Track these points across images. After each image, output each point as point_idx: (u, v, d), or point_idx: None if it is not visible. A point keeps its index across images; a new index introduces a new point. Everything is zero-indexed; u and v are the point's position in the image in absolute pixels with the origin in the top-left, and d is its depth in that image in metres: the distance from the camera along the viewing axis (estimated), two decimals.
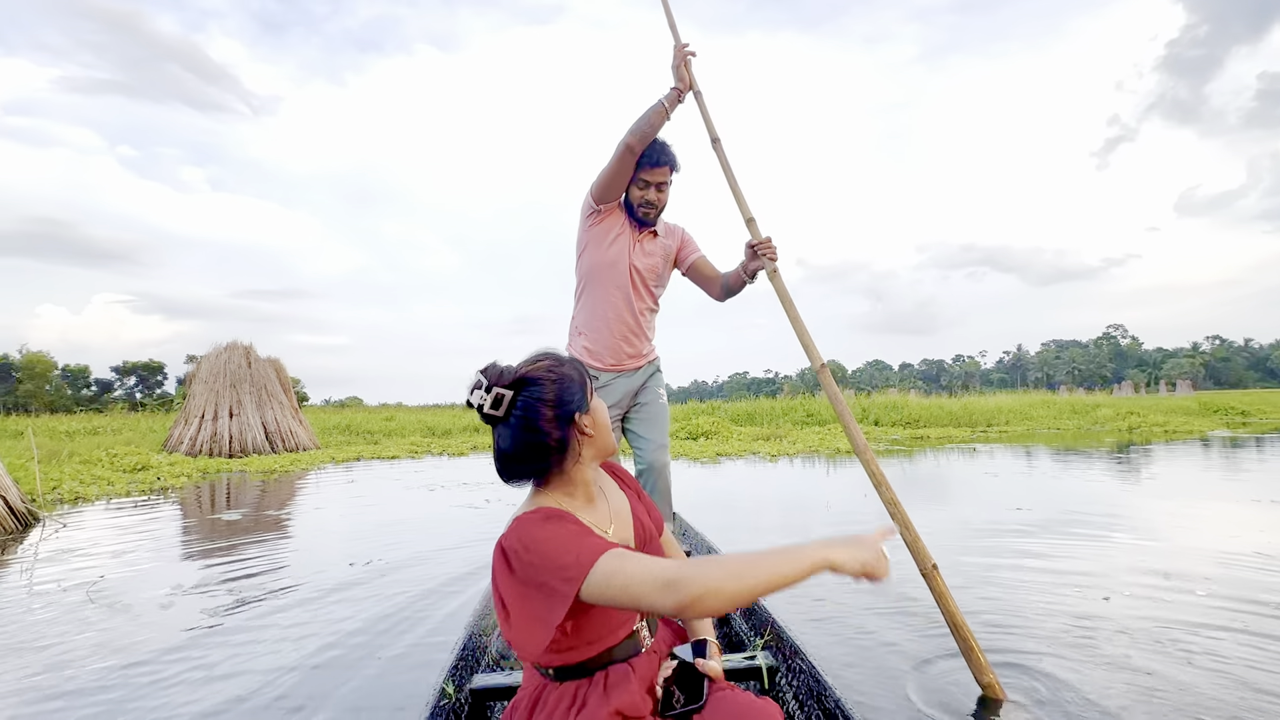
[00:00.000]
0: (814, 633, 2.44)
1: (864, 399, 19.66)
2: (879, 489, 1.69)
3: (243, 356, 13.52)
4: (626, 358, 2.49)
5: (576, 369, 1.13)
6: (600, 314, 2.45)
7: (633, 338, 2.48)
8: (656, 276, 2.51)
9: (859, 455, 1.77)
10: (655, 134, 2.22)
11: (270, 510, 5.91)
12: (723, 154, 2.27)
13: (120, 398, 43.33)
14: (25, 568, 3.80)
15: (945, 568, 3.21)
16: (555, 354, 1.15)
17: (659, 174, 2.31)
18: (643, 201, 2.35)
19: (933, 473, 7.53)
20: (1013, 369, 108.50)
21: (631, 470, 1.45)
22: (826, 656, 2.16)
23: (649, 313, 2.54)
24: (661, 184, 2.33)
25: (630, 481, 1.33)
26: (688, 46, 2.26)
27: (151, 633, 2.61)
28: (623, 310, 2.45)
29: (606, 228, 2.41)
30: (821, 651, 2.20)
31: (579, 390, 1.11)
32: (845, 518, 4.82)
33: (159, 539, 4.61)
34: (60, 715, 1.92)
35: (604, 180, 2.30)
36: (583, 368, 1.15)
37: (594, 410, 1.13)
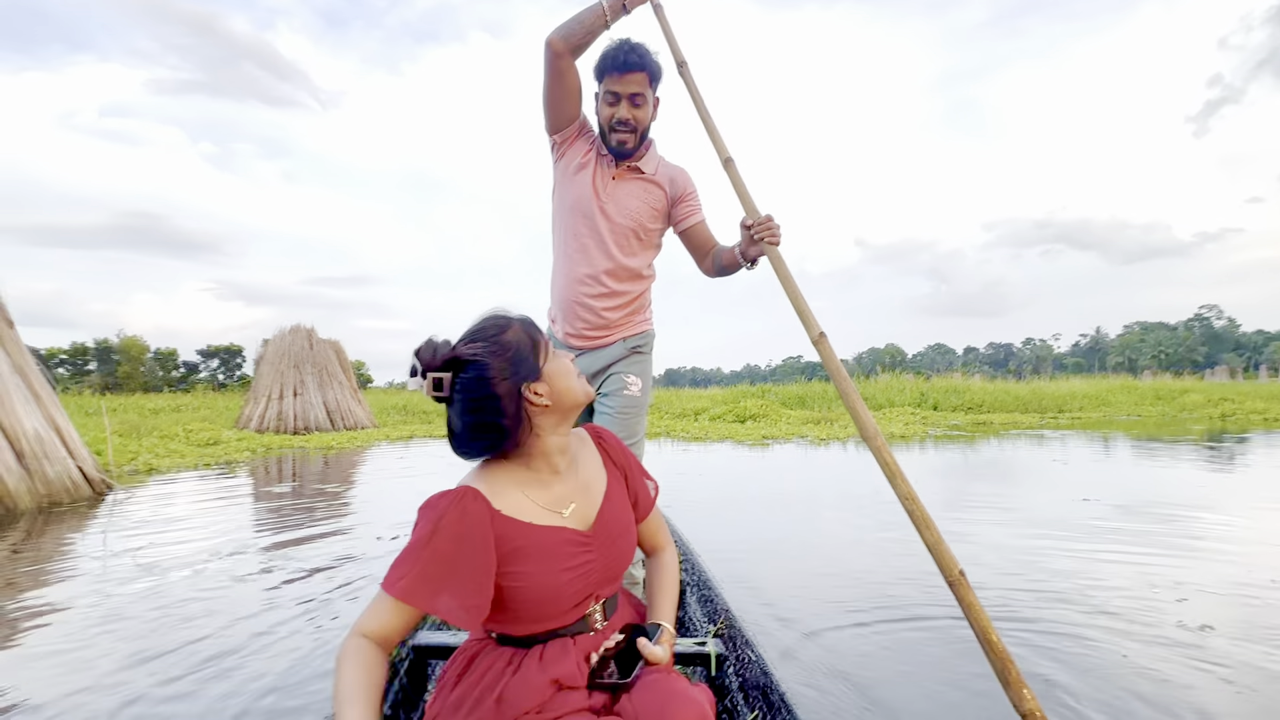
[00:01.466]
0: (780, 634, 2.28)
1: (923, 382, 18.84)
2: (893, 481, 1.43)
3: (305, 339, 14.14)
4: (587, 330, 1.93)
5: (523, 332, 1.03)
6: (559, 270, 1.94)
7: (594, 303, 1.90)
8: (633, 230, 1.89)
9: (868, 442, 1.44)
10: (587, 39, 1.71)
11: (322, 484, 6.13)
12: (691, 80, 1.78)
13: (205, 379, 46.55)
14: (90, 533, 4.05)
15: (988, 565, 2.98)
16: (498, 318, 1.04)
17: (630, 82, 1.75)
18: (614, 122, 1.79)
19: (993, 459, 7.07)
20: (1090, 353, 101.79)
21: None
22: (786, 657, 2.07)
23: (624, 279, 1.91)
24: (636, 95, 1.77)
25: (620, 458, 1.20)
26: None
27: (186, 596, 2.69)
28: (579, 265, 1.88)
29: (569, 160, 1.87)
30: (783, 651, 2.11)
31: (524, 359, 1.00)
32: (893, 507, 4.55)
33: (215, 509, 4.84)
34: (94, 672, 1.98)
35: (544, 101, 1.80)
36: (533, 327, 1.04)
37: (550, 375, 1.03)
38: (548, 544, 1.02)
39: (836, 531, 3.86)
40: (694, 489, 5.38)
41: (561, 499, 1.07)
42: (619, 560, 1.11)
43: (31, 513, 4.70)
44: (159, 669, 2.00)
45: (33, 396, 5.32)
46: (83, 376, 39.98)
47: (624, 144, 1.81)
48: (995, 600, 2.56)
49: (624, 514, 1.15)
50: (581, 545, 1.06)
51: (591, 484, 1.13)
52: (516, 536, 1.00)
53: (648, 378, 2.00)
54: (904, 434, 10.34)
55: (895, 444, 8.92)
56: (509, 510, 1.01)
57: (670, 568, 1.22)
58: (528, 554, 1.00)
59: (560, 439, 1.07)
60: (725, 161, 1.74)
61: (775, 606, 2.51)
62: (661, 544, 1.25)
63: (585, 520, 1.09)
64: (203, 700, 1.80)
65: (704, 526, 3.99)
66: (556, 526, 1.04)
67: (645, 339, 2.00)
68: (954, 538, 3.55)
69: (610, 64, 1.76)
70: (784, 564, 3.17)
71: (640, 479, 1.22)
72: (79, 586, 2.90)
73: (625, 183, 1.87)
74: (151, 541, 3.70)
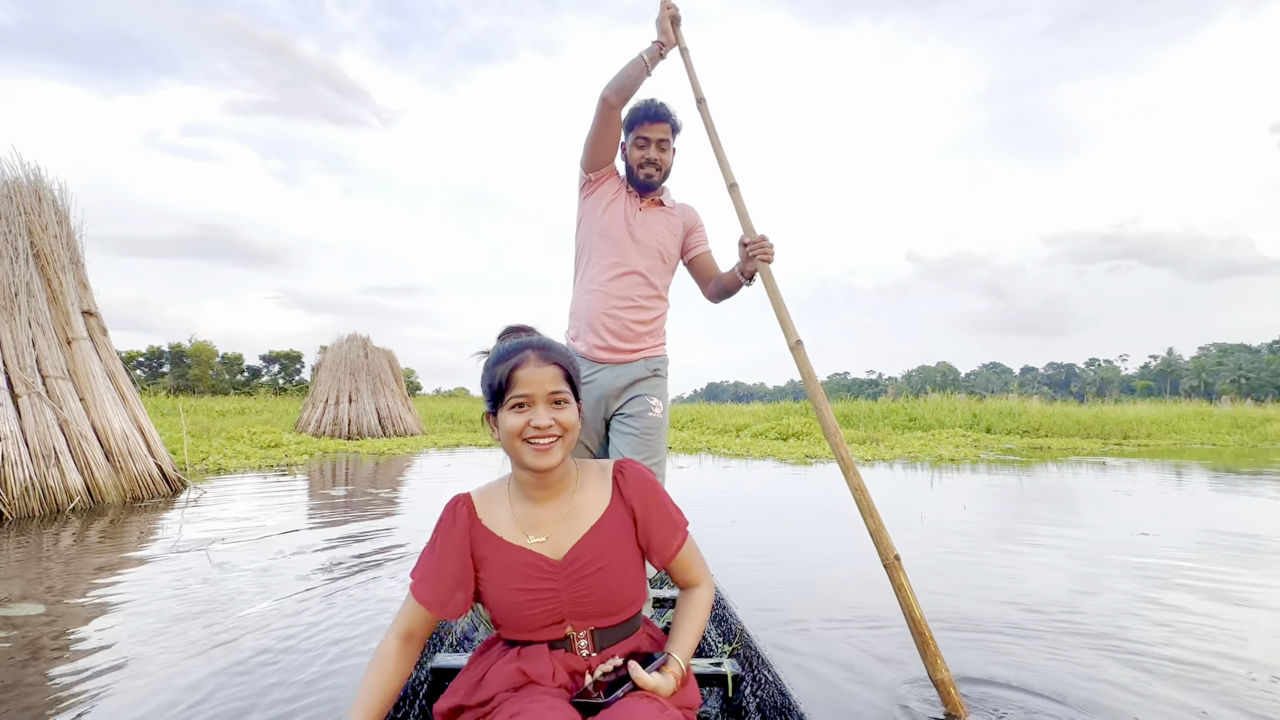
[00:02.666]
0: (789, 644, 2.32)
1: (975, 403, 18.17)
2: (846, 474, 1.71)
3: (361, 347, 14.75)
4: (614, 347, 2.09)
5: (492, 370, 1.12)
6: (588, 289, 2.13)
7: (624, 318, 2.08)
8: (659, 252, 2.15)
9: (828, 439, 1.76)
10: (634, 88, 2.03)
11: (374, 488, 6.40)
12: (707, 115, 2.15)
13: (266, 383, 48.93)
14: (167, 527, 4.35)
15: (1028, 597, 2.88)
16: (503, 341, 1.17)
17: (659, 129, 2.09)
18: (643, 161, 2.10)
19: (1049, 486, 6.78)
20: (1161, 376, 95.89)
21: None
22: (801, 669, 2.09)
23: (649, 296, 2.13)
24: (663, 141, 2.10)
25: (637, 500, 1.16)
26: (673, 8, 2.14)
27: (250, 589, 2.88)
28: (613, 285, 2.09)
29: (600, 195, 2.16)
30: (796, 664, 2.14)
31: (488, 390, 1.12)
32: (939, 533, 4.45)
33: (276, 507, 5.12)
34: (166, 659, 2.16)
35: (589, 143, 2.09)
36: (487, 371, 1.13)
37: (501, 421, 1.11)
38: (507, 561, 1.11)
39: (867, 554, 3.80)
40: (732, 507, 5.37)
41: (537, 523, 1.13)
42: (596, 596, 1.11)
43: (117, 506, 5.08)
44: (219, 655, 2.16)
45: (120, 398, 5.76)
46: (158, 379, 42.65)
47: (650, 178, 2.13)
48: (1001, 636, 2.48)
49: (611, 552, 1.13)
50: (542, 571, 1.10)
51: (578, 516, 1.14)
52: (484, 545, 1.13)
53: (666, 400, 2.18)
54: (953, 457, 10.02)
55: (944, 466, 8.65)
56: (487, 521, 1.14)
57: (696, 602, 1.20)
58: (489, 565, 1.12)
59: (537, 477, 1.12)
60: (731, 186, 2.08)
61: (803, 628, 2.50)
62: (694, 580, 1.21)
63: (558, 549, 1.12)
64: (253, 686, 1.93)
65: (736, 544, 3.99)
66: (520, 547, 1.12)
67: (663, 363, 2.19)
68: (986, 567, 3.45)
69: (644, 115, 2.09)
70: (813, 584, 3.15)
71: (660, 523, 1.17)
72: (155, 576, 3.14)
73: (650, 213, 2.16)
74: (221, 537, 3.96)
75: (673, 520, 1.19)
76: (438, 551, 1.12)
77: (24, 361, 5.12)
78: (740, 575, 3.19)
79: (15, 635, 2.34)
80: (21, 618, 2.53)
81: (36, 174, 5.70)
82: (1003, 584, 3.12)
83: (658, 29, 2.13)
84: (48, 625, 2.46)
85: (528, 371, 1.07)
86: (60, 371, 5.34)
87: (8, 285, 5.20)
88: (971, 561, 3.58)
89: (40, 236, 5.53)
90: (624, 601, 1.14)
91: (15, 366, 5.06)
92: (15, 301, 5.21)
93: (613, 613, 1.13)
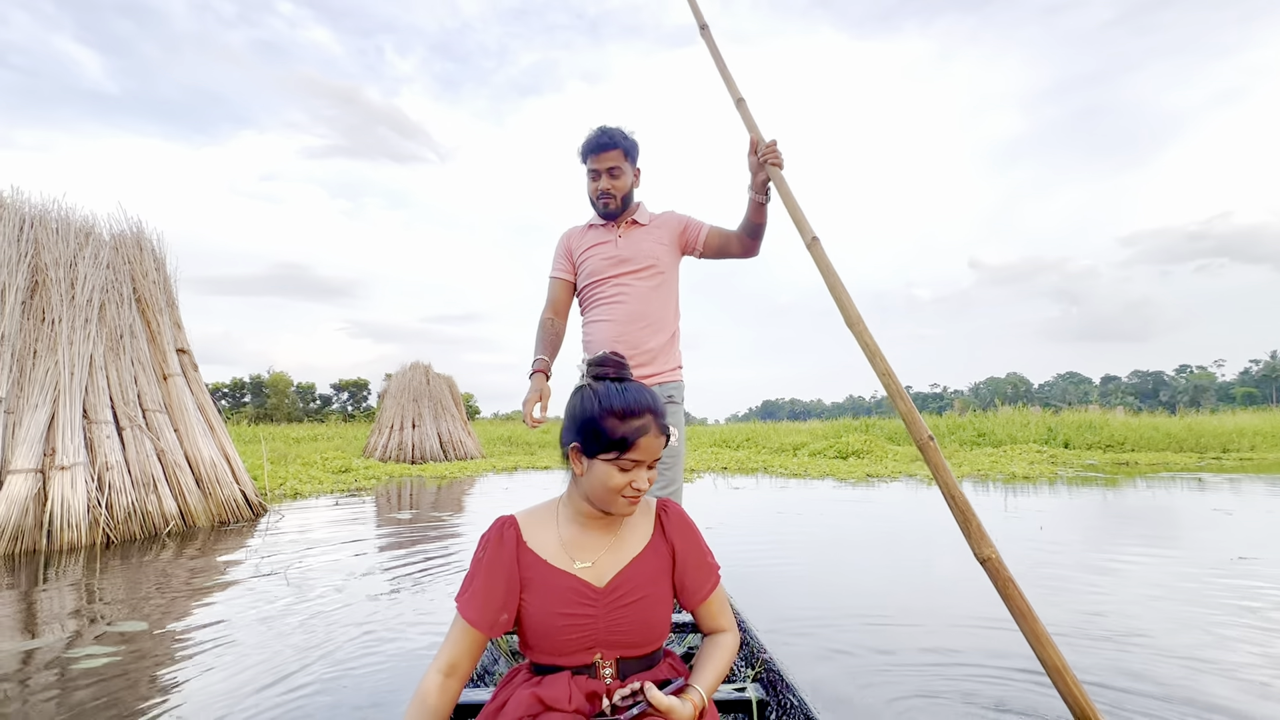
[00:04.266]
0: (812, 669, 2.25)
1: (1050, 416, 17.13)
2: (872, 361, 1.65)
3: (423, 375, 15.36)
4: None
5: (596, 408, 1.10)
6: (594, 320, 2.18)
7: (636, 342, 2.10)
8: (653, 267, 2.15)
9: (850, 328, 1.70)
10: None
11: (437, 510, 6.62)
12: (712, 41, 2.17)
13: (336, 410, 51.46)
14: (250, 549, 4.64)
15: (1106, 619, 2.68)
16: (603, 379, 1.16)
17: (607, 158, 2.09)
18: (598, 193, 2.13)
19: (1138, 506, 6.31)
20: (1264, 381, 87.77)
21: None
22: (824, 694, 2.04)
23: (656, 315, 2.15)
24: (613, 169, 2.10)
25: (679, 539, 1.21)
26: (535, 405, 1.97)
27: (322, 609, 3.04)
28: (619, 312, 2.12)
29: (579, 254, 2.22)
30: (819, 689, 2.08)
31: (600, 437, 1.09)
32: (1010, 558, 4.22)
33: (347, 530, 5.37)
34: (250, 672, 2.31)
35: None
36: (602, 414, 1.10)
37: (595, 467, 1.11)
38: (552, 585, 1.13)
39: (921, 582, 3.64)
40: (785, 528, 5.26)
41: (584, 548, 1.16)
42: (630, 626, 1.13)
43: (206, 530, 5.46)
44: (296, 670, 2.29)
45: (209, 429, 6.22)
46: (240, 408, 45.60)
47: (608, 205, 2.15)
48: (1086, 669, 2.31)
49: (650, 585, 1.15)
50: (585, 598, 1.12)
51: (623, 546, 1.18)
52: (530, 569, 1.15)
53: (683, 426, 2.19)
54: (1027, 474, 9.47)
55: (1017, 485, 8.20)
56: (533, 544, 1.17)
57: (721, 645, 1.20)
58: (534, 587, 1.14)
59: (603, 512, 1.16)
60: (738, 101, 2.06)
61: (847, 657, 2.42)
62: (721, 626, 1.23)
63: (601, 577, 1.15)
64: (320, 700, 2.04)
65: (784, 567, 3.91)
66: (566, 572, 1.14)
67: (678, 389, 2.19)
68: (1064, 595, 3.24)
69: (589, 148, 2.12)
70: (858, 611, 3.04)
71: (697, 566, 1.21)
72: (241, 595, 3.35)
73: (631, 232, 2.19)
74: (298, 559, 4.19)
75: (708, 564, 1.23)
76: (484, 571, 1.14)
77: (127, 397, 5.62)
78: (778, 596, 3.13)
79: (123, 649, 2.56)
80: (128, 633, 2.76)
81: (138, 226, 6.30)
82: (1083, 615, 2.93)
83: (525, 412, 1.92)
84: (151, 640, 2.67)
85: (650, 440, 1.10)
86: (158, 405, 5.82)
87: (115, 328, 5.74)
88: (1049, 588, 3.38)
89: (141, 283, 6.09)
90: (654, 634, 1.16)
91: (120, 401, 5.56)
92: (120, 343, 5.74)
93: (641, 644, 1.15)
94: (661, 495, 2.03)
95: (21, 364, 5.20)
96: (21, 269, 5.35)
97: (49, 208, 5.78)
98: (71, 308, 5.48)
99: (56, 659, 2.45)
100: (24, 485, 4.75)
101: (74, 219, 5.88)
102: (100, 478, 5.15)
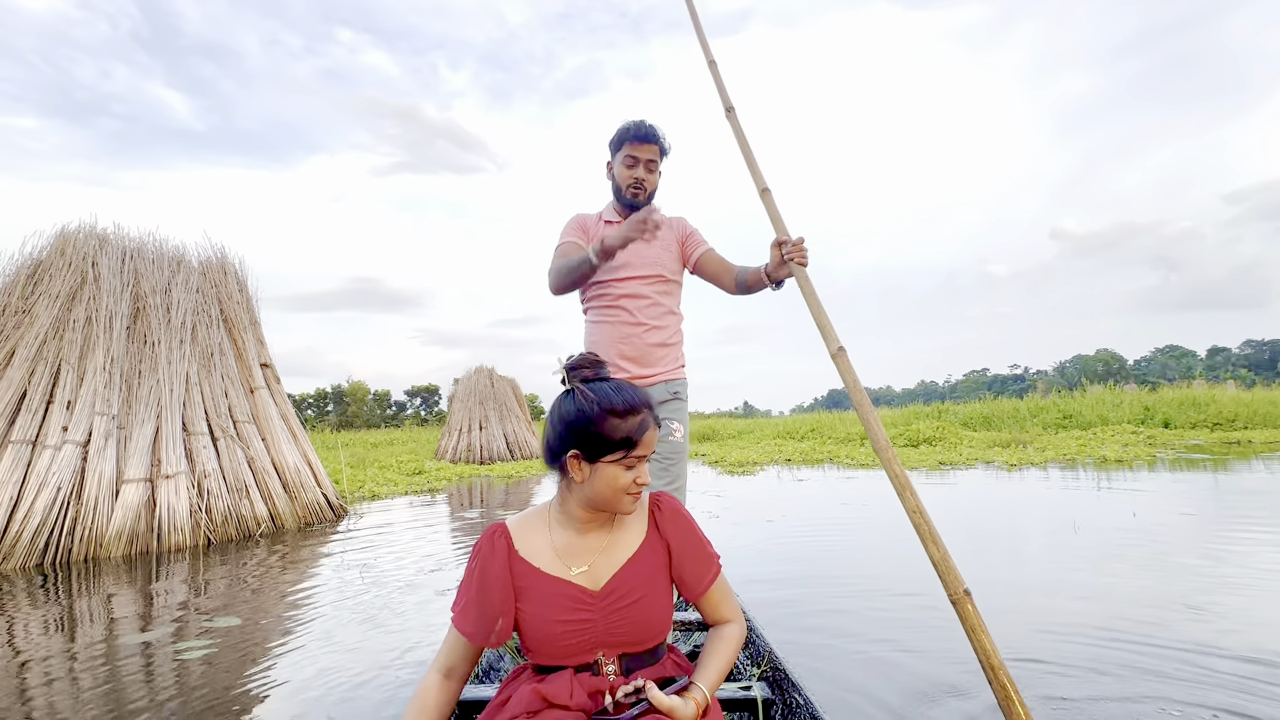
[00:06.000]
0: (820, 666, 2.19)
1: (1147, 394, 15.84)
2: (901, 494, 1.48)
3: (488, 378, 15.87)
4: (632, 374, 2.11)
5: (595, 410, 1.08)
6: (597, 320, 2.15)
7: (639, 341, 2.09)
8: (658, 268, 2.13)
9: (879, 454, 1.50)
10: (578, 285, 2.11)
11: (502, 509, 6.83)
12: (737, 123, 2.02)
13: (410, 415, 53.98)
14: (332, 549, 4.94)
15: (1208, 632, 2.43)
16: (585, 380, 1.13)
17: (648, 150, 2.08)
18: (631, 181, 2.09)
19: (1249, 490, 5.73)
20: None
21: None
22: (829, 694, 1.97)
23: (660, 314, 2.14)
24: (650, 162, 2.09)
25: (673, 533, 1.19)
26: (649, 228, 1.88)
27: (398, 604, 3.19)
28: (621, 311, 2.11)
29: (589, 243, 2.14)
30: (825, 688, 2.02)
31: (601, 440, 1.08)
32: (1094, 548, 3.93)
33: (420, 529, 5.63)
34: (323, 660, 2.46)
35: (555, 288, 2.13)
36: (602, 415, 1.08)
37: (600, 471, 1.09)
38: (547, 593, 1.12)
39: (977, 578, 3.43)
40: (844, 520, 5.10)
41: (577, 553, 1.14)
42: (630, 626, 1.12)
43: (293, 531, 5.85)
44: (371, 663, 2.41)
45: (292, 437, 6.65)
46: (323, 417, 48.59)
47: (638, 197, 2.11)
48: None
49: (647, 585, 1.14)
50: (582, 603, 1.11)
51: (618, 547, 1.16)
52: (524, 578, 1.13)
53: (687, 423, 2.17)
54: (1120, 457, 8.80)
55: (1108, 469, 7.62)
56: (525, 552, 1.15)
57: (725, 638, 1.18)
58: (529, 596, 1.13)
59: (598, 512, 1.14)
60: (763, 192, 1.96)
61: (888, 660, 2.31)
62: (725, 616, 1.21)
63: (596, 580, 1.13)
64: (384, 690, 2.13)
65: (832, 560, 3.78)
66: (560, 579, 1.13)
67: (683, 385, 2.18)
68: (1156, 590, 2.99)
69: (634, 134, 2.08)
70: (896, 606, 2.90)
71: (695, 558, 1.19)
72: (325, 592, 3.57)
73: None
74: (375, 558, 4.43)
75: (707, 555, 1.21)
76: (477, 582, 1.13)
77: (220, 409, 6.08)
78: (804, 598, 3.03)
79: (220, 643, 2.78)
80: (224, 628, 2.99)
81: (222, 252, 6.81)
82: (1173, 612, 2.70)
83: (619, 238, 1.89)
84: (244, 635, 2.89)
85: (652, 434, 1.10)
86: (246, 416, 6.27)
87: (206, 347, 6.23)
88: (1137, 584, 3.13)
89: (227, 304, 6.58)
90: (655, 631, 1.15)
91: (214, 414, 6.03)
92: (211, 360, 6.22)
93: (643, 641, 1.14)
94: (668, 489, 2.01)
95: (129, 383, 5.73)
96: (125, 297, 5.89)
97: (145, 240, 6.34)
98: (168, 330, 5.99)
99: (165, 651, 2.69)
100: (136, 494, 5.24)
101: (167, 249, 6.42)
102: (199, 485, 5.61)
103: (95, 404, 5.40)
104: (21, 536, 4.76)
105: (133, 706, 2.13)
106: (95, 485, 5.10)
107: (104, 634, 2.97)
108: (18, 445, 5.06)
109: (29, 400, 5.25)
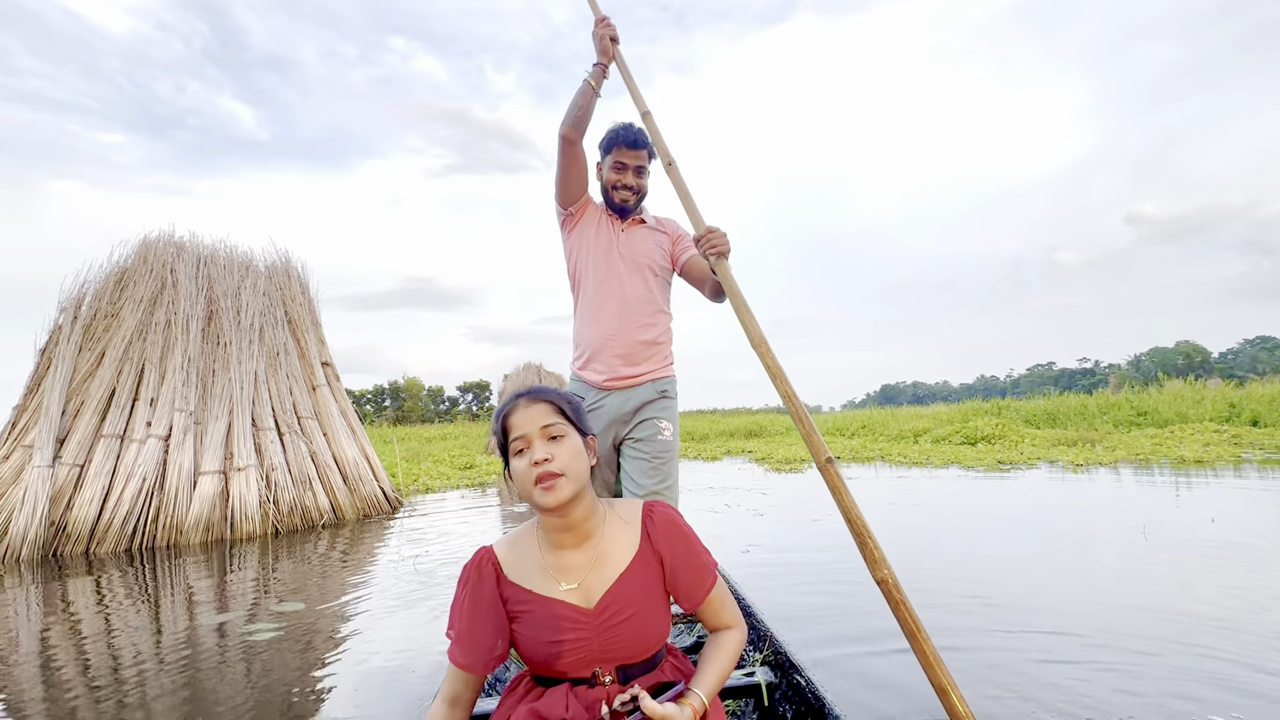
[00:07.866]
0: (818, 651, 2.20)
1: (1233, 390, 14.70)
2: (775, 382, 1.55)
3: (534, 374, 16.17)
4: (621, 367, 2.06)
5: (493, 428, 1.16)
6: (590, 318, 2.13)
7: (629, 340, 2.06)
8: (649, 268, 2.12)
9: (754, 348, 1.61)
10: (589, 115, 2.02)
11: None
12: (653, 126, 2.02)
13: (463, 410, 55.55)
14: (389, 539, 5.16)
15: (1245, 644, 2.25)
16: (513, 398, 1.16)
17: (636, 155, 2.08)
18: (619, 185, 2.09)
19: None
20: None
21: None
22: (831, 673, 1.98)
23: (650, 313, 2.11)
24: (640, 167, 2.10)
25: (666, 545, 1.16)
26: (606, 20, 2.08)
27: (445, 594, 3.31)
28: (612, 308, 2.08)
29: (584, 226, 2.15)
30: (826, 669, 2.06)
31: (499, 449, 1.16)
32: (1168, 554, 3.71)
33: (471, 521, 5.81)
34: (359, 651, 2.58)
35: (560, 180, 2.09)
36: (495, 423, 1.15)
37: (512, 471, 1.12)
38: (541, 614, 1.11)
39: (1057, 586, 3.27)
40: (894, 520, 4.96)
41: (567, 569, 1.13)
42: (625, 642, 1.11)
43: (352, 522, 6.14)
44: (416, 648, 2.52)
45: (351, 432, 6.96)
46: (380, 412, 50.59)
47: (626, 202, 2.11)
48: None
49: (641, 600, 1.12)
50: (575, 622, 1.10)
51: (608, 562, 1.13)
52: (516, 603, 1.13)
53: (676, 422, 2.13)
54: (1200, 458, 8.22)
55: (1187, 470, 7.14)
56: (514, 575, 1.14)
57: (724, 645, 1.16)
58: (522, 619, 1.12)
59: (558, 518, 1.12)
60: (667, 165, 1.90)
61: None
62: (725, 623, 1.19)
63: (588, 598, 1.11)
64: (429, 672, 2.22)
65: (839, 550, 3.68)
66: (552, 599, 1.11)
67: (670, 384, 2.15)
68: (1235, 603, 2.79)
69: (622, 139, 2.07)
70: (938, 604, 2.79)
71: (689, 569, 1.16)
72: (382, 579, 3.74)
73: (634, 231, 2.15)
74: (427, 550, 4.60)
75: (702, 564, 1.18)
76: (467, 614, 1.12)
77: (285, 406, 6.43)
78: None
79: (286, 625, 2.95)
80: (290, 612, 3.18)
81: (285, 257, 7.18)
82: (1254, 625, 2.52)
83: (596, 47, 2.08)
84: (308, 618, 3.07)
85: (519, 415, 1.12)
86: (309, 413, 6.61)
87: (272, 347, 6.59)
88: (1216, 594, 2.93)
89: (291, 306, 6.94)
90: (651, 643, 1.14)
91: (280, 410, 6.38)
92: (277, 360, 6.58)
93: (640, 654, 1.13)
94: (659, 489, 1.97)
95: (204, 382, 6.13)
96: (200, 301, 6.30)
97: (217, 247, 6.76)
98: (238, 331, 6.37)
99: (236, 632, 2.89)
100: (212, 485, 5.60)
101: (236, 255, 6.82)
102: (268, 477, 5.95)
103: (175, 401, 5.80)
104: (113, 524, 5.17)
105: (207, 684, 2.30)
106: (175, 477, 5.49)
107: (185, 615, 3.21)
108: (108, 439, 5.49)
109: (117, 397, 5.70)
